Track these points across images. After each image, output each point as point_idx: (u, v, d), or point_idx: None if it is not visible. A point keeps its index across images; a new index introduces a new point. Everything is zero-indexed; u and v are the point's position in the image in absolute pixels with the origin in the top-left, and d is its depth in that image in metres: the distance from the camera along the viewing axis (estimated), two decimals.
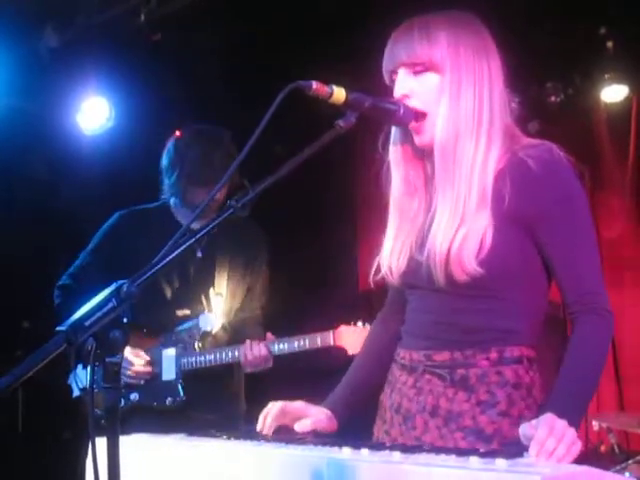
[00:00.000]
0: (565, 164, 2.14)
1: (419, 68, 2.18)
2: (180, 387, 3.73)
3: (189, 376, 3.75)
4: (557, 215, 2.11)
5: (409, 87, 2.19)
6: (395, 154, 2.31)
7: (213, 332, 3.84)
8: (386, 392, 2.34)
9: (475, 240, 2.08)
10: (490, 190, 2.13)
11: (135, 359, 3.70)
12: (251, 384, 4.00)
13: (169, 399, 3.73)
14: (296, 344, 3.60)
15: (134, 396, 3.76)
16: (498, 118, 2.18)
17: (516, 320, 2.17)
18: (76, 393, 3.92)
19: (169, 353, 3.77)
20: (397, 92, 2.20)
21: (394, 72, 2.23)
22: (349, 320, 3.58)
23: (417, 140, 2.23)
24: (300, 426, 2.25)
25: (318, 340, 3.56)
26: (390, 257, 2.27)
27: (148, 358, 3.75)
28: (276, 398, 2.34)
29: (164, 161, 3.92)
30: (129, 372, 3.71)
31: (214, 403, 3.76)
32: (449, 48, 2.16)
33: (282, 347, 3.63)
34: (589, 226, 2.17)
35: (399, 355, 2.31)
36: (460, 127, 2.15)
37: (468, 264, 2.07)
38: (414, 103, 2.19)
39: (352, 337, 3.50)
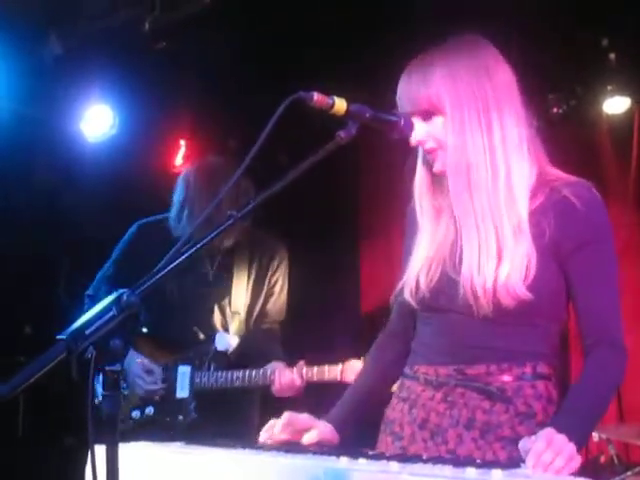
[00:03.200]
0: (602, 204, 2.22)
1: (425, 114, 2.22)
2: (192, 406, 3.73)
3: (203, 395, 3.74)
4: (591, 251, 2.18)
5: (422, 133, 2.23)
6: (421, 181, 2.34)
7: (229, 352, 3.83)
8: (402, 409, 2.33)
9: (521, 268, 2.12)
10: (527, 221, 2.16)
11: (147, 377, 3.70)
12: (265, 403, 3.99)
13: (180, 417, 3.73)
14: (326, 374, 3.52)
15: (149, 410, 3.78)
16: (515, 136, 2.20)
17: (546, 344, 2.24)
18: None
19: (184, 370, 3.77)
20: (416, 138, 2.23)
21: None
22: (351, 344, 3.56)
23: (434, 167, 2.27)
24: (307, 438, 2.26)
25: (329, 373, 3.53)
26: (419, 274, 2.28)
27: (161, 373, 3.75)
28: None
29: (175, 197, 3.89)
30: (141, 389, 3.74)
31: (226, 423, 3.71)
32: (445, 84, 2.18)
33: (310, 376, 3.57)
34: (615, 264, 2.25)
35: (419, 371, 2.31)
36: (469, 155, 2.18)
37: (518, 290, 2.11)
38: (431, 145, 2.23)
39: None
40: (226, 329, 3.85)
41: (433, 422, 2.24)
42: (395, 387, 2.44)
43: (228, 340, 3.82)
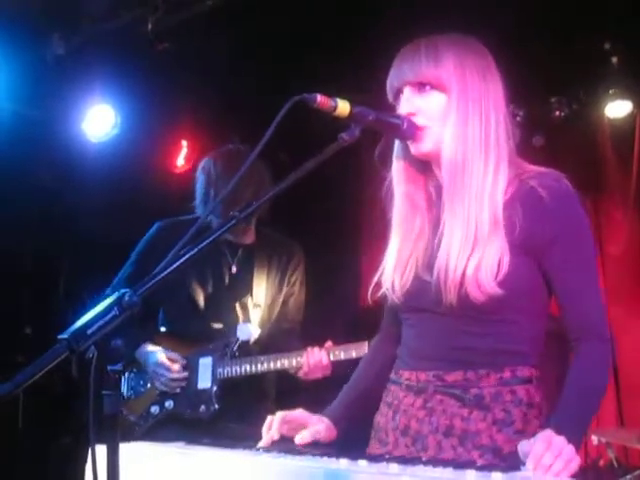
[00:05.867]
0: (573, 194, 2.18)
1: (425, 87, 2.20)
2: (214, 396, 3.68)
3: (224, 386, 3.71)
4: (565, 244, 2.15)
5: (415, 105, 2.21)
6: (397, 172, 2.32)
7: (251, 342, 3.80)
8: (387, 414, 2.33)
9: (492, 262, 2.11)
10: (501, 216, 2.15)
11: (172, 365, 3.70)
12: (280, 392, 4.00)
13: (202, 407, 3.68)
14: (354, 352, 3.53)
15: (169, 403, 3.75)
16: (504, 141, 2.21)
17: (524, 342, 2.21)
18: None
19: (206, 361, 3.74)
20: (403, 110, 2.22)
21: (399, 90, 2.25)
22: (352, 334, 3.57)
23: (414, 149, 2.23)
24: (300, 438, 2.26)
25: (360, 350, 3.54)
26: (394, 274, 2.28)
27: (184, 362, 3.72)
28: (304, 405, 2.36)
29: (198, 185, 3.88)
30: (165, 379, 3.70)
31: (246, 413, 3.69)
32: (456, 69, 2.18)
33: (338, 354, 3.60)
34: (593, 255, 2.22)
35: (402, 377, 2.31)
36: (467, 148, 2.17)
37: (487, 285, 2.09)
38: (419, 121, 2.20)
39: None
40: (248, 321, 3.84)
41: (414, 429, 2.24)
42: None
43: (250, 329, 3.78)
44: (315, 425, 2.30)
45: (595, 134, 6.03)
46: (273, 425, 2.27)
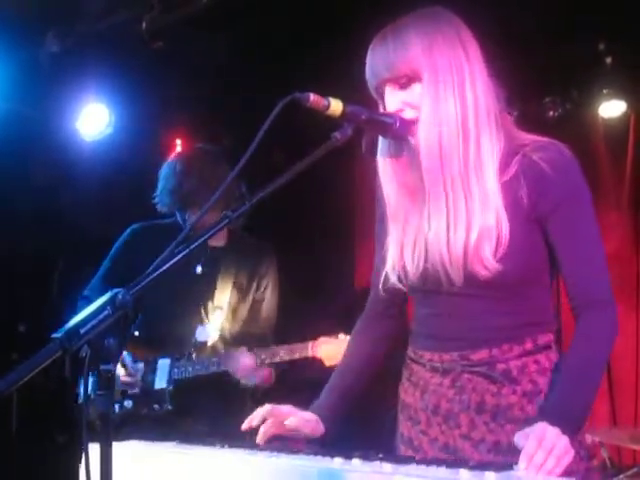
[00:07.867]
0: (574, 163, 2.22)
1: (403, 81, 2.18)
2: (168, 395, 3.79)
3: (186, 386, 3.79)
4: (565, 211, 2.17)
5: (399, 101, 2.20)
6: (385, 161, 2.31)
7: (209, 344, 3.87)
8: (414, 394, 2.34)
9: (490, 238, 2.12)
10: (496, 190, 2.15)
11: (121, 370, 3.76)
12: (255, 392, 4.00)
13: (156, 406, 3.80)
14: (278, 357, 3.66)
15: (128, 403, 3.85)
16: (486, 114, 2.18)
17: (542, 312, 2.25)
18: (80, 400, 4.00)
19: (164, 362, 3.85)
20: (389, 108, 2.21)
21: (379, 88, 2.24)
22: (343, 325, 3.58)
23: (413, 141, 2.22)
24: (288, 422, 2.25)
25: (296, 352, 3.63)
26: (401, 260, 2.27)
27: (140, 372, 3.80)
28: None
29: (161, 182, 3.92)
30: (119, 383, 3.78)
31: (208, 414, 3.76)
32: (424, 53, 2.15)
33: (264, 358, 3.69)
34: (593, 221, 2.23)
35: (423, 357, 2.31)
36: (442, 129, 2.14)
37: (487, 262, 2.11)
38: (409, 114, 2.19)
39: (330, 348, 3.54)
40: (207, 322, 3.89)
41: (444, 408, 2.27)
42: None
43: (207, 332, 3.88)
44: (304, 418, 2.30)
45: (589, 134, 6.03)
46: (256, 417, 2.26)
